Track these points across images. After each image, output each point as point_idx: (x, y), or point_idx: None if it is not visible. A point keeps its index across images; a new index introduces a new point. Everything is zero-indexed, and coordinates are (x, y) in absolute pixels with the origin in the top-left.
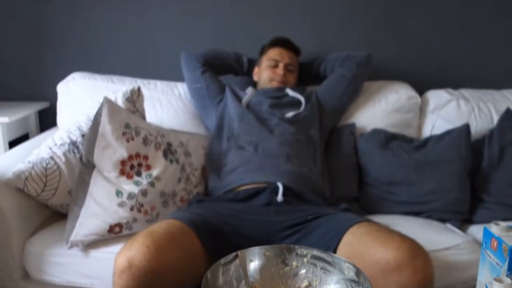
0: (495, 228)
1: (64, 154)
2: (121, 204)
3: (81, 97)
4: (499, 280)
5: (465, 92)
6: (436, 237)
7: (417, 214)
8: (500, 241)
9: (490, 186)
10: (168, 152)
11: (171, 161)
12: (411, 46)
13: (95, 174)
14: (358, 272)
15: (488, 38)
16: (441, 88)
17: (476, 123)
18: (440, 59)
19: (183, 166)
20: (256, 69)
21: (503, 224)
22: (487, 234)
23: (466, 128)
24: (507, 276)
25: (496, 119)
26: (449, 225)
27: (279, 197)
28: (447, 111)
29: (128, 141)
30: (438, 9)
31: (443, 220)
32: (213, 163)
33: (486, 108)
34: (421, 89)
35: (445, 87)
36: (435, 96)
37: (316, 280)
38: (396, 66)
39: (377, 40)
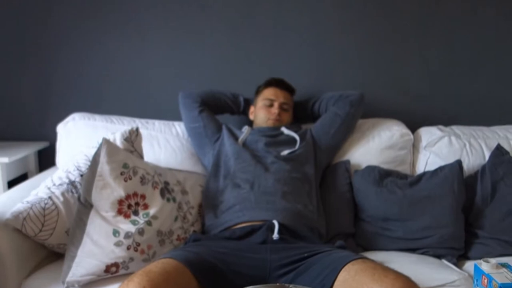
0: (485, 266)
1: (63, 194)
2: (118, 244)
3: (80, 137)
4: None
5: (456, 128)
6: (431, 273)
7: (413, 250)
8: (490, 279)
9: (484, 221)
10: (165, 190)
11: (168, 200)
12: (402, 85)
13: (92, 214)
14: None
15: (477, 76)
16: (433, 125)
17: (468, 159)
18: (431, 97)
19: (180, 204)
20: (251, 109)
21: (493, 261)
22: (478, 271)
23: (458, 164)
24: None
25: (487, 154)
26: (445, 261)
27: (275, 235)
28: (439, 148)
29: (126, 180)
30: (428, 49)
31: (439, 256)
32: (209, 201)
33: (477, 144)
34: (413, 126)
35: (436, 124)
36: (427, 133)
37: None
38: (389, 104)
39: (370, 80)
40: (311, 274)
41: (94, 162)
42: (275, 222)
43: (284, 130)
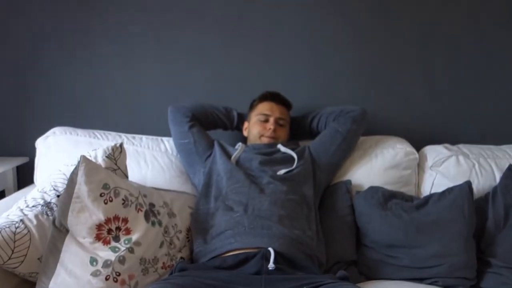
0: None
1: (36, 216)
2: (95, 274)
3: (60, 153)
4: None
5: (463, 147)
6: None
7: (420, 280)
8: None
9: (497, 249)
10: (150, 213)
11: (153, 224)
12: (406, 102)
13: (68, 240)
14: None
15: (483, 95)
16: (438, 143)
17: (477, 180)
18: (436, 115)
19: (166, 228)
20: (245, 124)
21: None
22: None
23: (468, 185)
24: None
25: (498, 176)
26: None
27: (271, 264)
28: (446, 168)
29: (106, 202)
30: (433, 66)
31: (449, 287)
32: (199, 225)
33: (487, 164)
34: (418, 144)
35: (442, 143)
36: (433, 152)
37: None
38: (392, 122)
39: (372, 96)
40: None
41: (71, 182)
42: (271, 250)
43: (281, 147)
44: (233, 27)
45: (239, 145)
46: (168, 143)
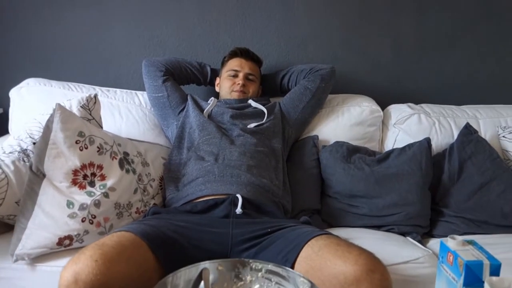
0: (451, 242)
1: (13, 162)
2: (72, 216)
3: (34, 103)
4: None
5: (426, 107)
6: (396, 250)
7: (378, 227)
8: (456, 256)
9: (450, 200)
10: (125, 161)
11: (127, 171)
12: (374, 63)
13: (45, 184)
14: (312, 286)
15: (448, 56)
16: (403, 102)
17: (437, 137)
18: (402, 76)
19: (140, 176)
20: (217, 80)
21: (460, 238)
22: (444, 248)
23: (427, 142)
24: None
25: (456, 133)
26: (409, 239)
27: (238, 209)
28: (408, 125)
29: (81, 149)
30: (400, 28)
31: (404, 234)
32: (171, 174)
33: (447, 122)
34: (384, 103)
35: (406, 102)
36: (397, 110)
37: None
38: (360, 81)
39: (341, 55)
40: (274, 249)
41: (47, 129)
42: (239, 196)
43: (252, 102)
44: None
45: (212, 100)
46: (142, 96)
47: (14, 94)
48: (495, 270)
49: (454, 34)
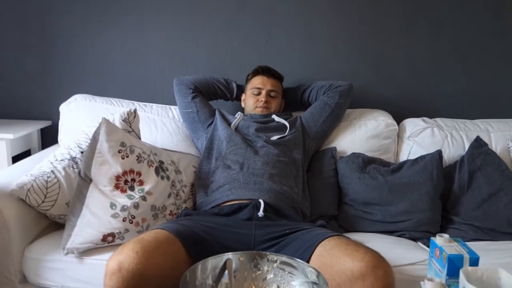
0: (439, 240)
1: (64, 168)
2: (114, 216)
3: (81, 117)
4: (430, 279)
5: (440, 120)
6: (404, 253)
7: (391, 232)
8: (441, 250)
9: (460, 209)
10: (160, 169)
11: (162, 178)
12: (390, 78)
13: (91, 188)
14: (318, 274)
15: (462, 72)
16: (418, 116)
17: (449, 150)
18: (417, 91)
19: (173, 182)
20: (243, 96)
21: (446, 236)
22: (433, 244)
23: (438, 154)
24: (446, 280)
25: (467, 146)
26: (420, 244)
27: (260, 213)
28: (422, 138)
29: (123, 158)
30: (415, 45)
31: (415, 239)
32: (201, 181)
33: (459, 135)
34: (399, 117)
35: (421, 116)
36: (412, 124)
37: (284, 283)
38: (376, 96)
39: (359, 72)
40: (291, 248)
41: (94, 140)
42: (261, 201)
43: (275, 117)
44: (236, 7)
45: (239, 114)
46: (175, 111)
47: (64, 108)
48: (474, 262)
49: (468, 50)
